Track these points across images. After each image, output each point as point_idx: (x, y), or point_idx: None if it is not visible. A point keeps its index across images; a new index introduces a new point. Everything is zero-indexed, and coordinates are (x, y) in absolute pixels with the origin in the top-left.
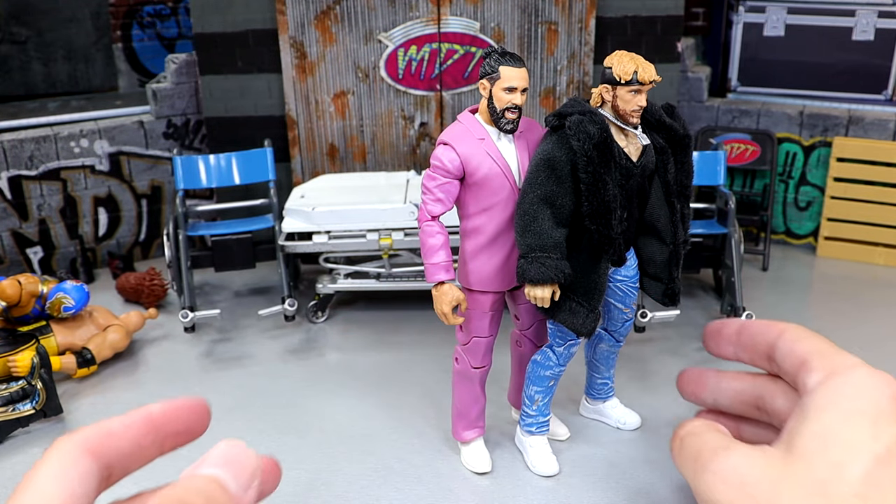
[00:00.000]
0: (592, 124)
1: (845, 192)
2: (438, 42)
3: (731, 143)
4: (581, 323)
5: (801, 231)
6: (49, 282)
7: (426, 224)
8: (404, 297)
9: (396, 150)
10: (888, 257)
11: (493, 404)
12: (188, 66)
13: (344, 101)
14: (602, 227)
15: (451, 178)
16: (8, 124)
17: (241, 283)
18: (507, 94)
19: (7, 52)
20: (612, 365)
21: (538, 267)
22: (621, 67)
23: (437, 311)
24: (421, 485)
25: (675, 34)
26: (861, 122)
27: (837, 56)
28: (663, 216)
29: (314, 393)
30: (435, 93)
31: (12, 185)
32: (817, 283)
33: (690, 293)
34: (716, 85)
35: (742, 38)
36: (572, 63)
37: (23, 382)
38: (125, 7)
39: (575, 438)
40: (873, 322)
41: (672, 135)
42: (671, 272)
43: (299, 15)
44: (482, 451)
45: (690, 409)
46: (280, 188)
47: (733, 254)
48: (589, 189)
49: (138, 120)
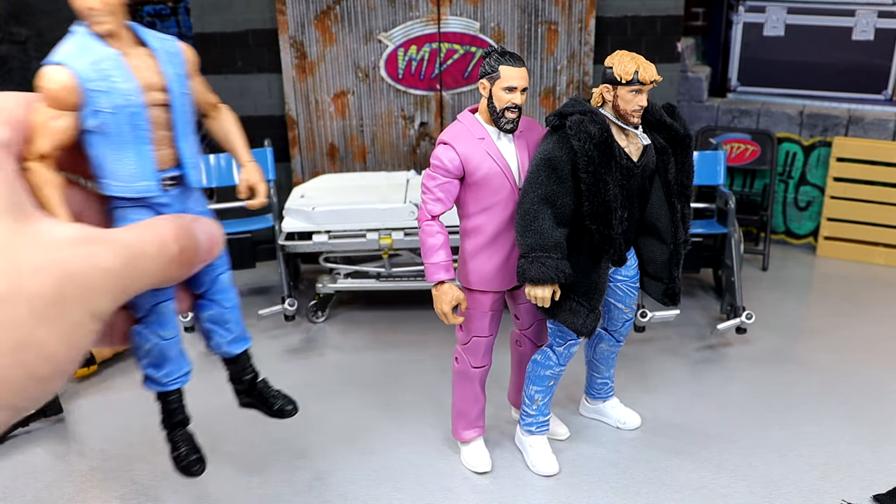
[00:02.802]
0: (593, 124)
1: (845, 191)
2: (438, 42)
3: (731, 142)
4: (581, 323)
5: (801, 231)
6: None
7: (426, 224)
8: (404, 297)
9: (396, 150)
10: (888, 257)
11: (493, 404)
12: None
13: (344, 100)
14: (602, 226)
15: (451, 178)
16: None
17: (241, 283)
18: (507, 94)
19: (7, 52)
20: (612, 365)
21: (538, 267)
22: (622, 67)
23: (437, 311)
24: (421, 485)
25: (675, 34)
26: (861, 122)
27: (837, 56)
28: (664, 216)
29: (314, 393)
30: (435, 93)
31: None
32: (817, 282)
33: (690, 293)
34: (716, 85)
35: (742, 38)
36: (572, 63)
37: None
38: None
39: (575, 438)
40: (873, 322)
41: (673, 135)
42: (671, 272)
43: (299, 15)
44: (482, 451)
45: (690, 409)
46: (280, 188)
47: (733, 254)
48: (589, 189)
49: None
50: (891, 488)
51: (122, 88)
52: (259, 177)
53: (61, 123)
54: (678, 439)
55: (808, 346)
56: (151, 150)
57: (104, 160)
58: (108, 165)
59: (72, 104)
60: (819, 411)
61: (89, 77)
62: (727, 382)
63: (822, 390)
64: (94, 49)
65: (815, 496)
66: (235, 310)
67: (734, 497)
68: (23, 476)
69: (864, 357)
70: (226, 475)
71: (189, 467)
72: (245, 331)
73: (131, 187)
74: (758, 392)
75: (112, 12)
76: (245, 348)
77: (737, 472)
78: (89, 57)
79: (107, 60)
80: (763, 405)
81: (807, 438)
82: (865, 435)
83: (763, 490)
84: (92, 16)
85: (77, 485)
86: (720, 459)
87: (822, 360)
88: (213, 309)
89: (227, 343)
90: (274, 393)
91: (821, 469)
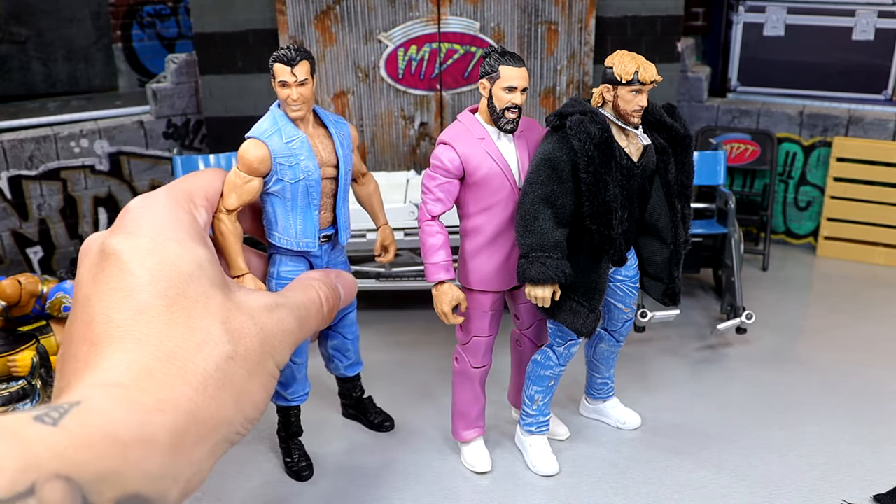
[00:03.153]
0: (593, 124)
1: (845, 191)
2: (438, 42)
3: (731, 142)
4: (581, 323)
5: (801, 231)
6: (49, 282)
7: (426, 224)
8: (404, 297)
9: (396, 150)
10: (888, 257)
11: (493, 404)
12: (188, 66)
13: (344, 100)
14: (603, 227)
15: (451, 178)
16: (8, 124)
17: None
18: (507, 94)
19: (7, 52)
20: (612, 365)
21: (539, 267)
22: (622, 67)
23: (437, 311)
24: (421, 485)
25: (675, 34)
26: (861, 122)
27: (837, 56)
28: (664, 216)
29: (313, 393)
30: (435, 93)
31: (12, 185)
32: (817, 282)
33: (690, 293)
34: (716, 85)
35: (742, 38)
36: (572, 63)
37: (23, 382)
38: (125, 7)
39: (575, 438)
40: (873, 322)
41: (673, 135)
42: (671, 272)
43: (299, 15)
44: (482, 451)
45: (690, 409)
46: None
47: (733, 254)
48: (590, 189)
49: (138, 120)
50: (891, 488)
51: (304, 165)
52: (391, 239)
53: (251, 186)
54: (678, 439)
55: (808, 346)
56: (317, 214)
57: (277, 217)
58: (280, 222)
59: (263, 172)
60: (819, 411)
61: (281, 153)
62: (727, 382)
63: (822, 390)
64: (287, 130)
65: (815, 496)
66: (356, 341)
67: (734, 497)
68: None
69: (864, 357)
70: (223, 470)
71: (300, 472)
72: (360, 357)
73: (296, 242)
74: (758, 392)
75: (305, 102)
76: (358, 371)
77: (737, 472)
78: (283, 137)
79: (296, 141)
80: (763, 405)
81: (807, 438)
82: (865, 435)
83: (763, 490)
84: (290, 104)
85: None
86: (720, 459)
87: (822, 360)
88: (338, 339)
89: (345, 367)
90: (376, 409)
91: (821, 469)
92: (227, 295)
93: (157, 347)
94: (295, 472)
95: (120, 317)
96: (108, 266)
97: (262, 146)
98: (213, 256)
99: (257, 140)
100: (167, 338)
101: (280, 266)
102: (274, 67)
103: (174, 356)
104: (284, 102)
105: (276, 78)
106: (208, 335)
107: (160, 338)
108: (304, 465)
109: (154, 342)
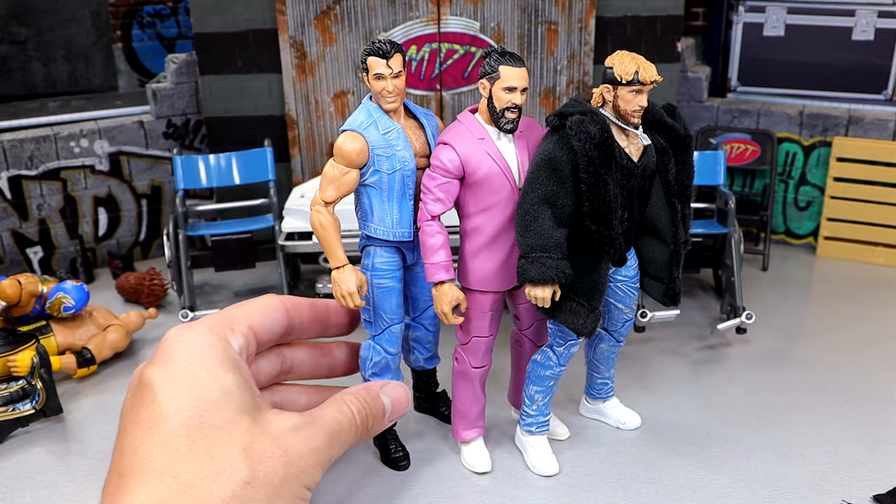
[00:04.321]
0: (593, 124)
1: (845, 191)
2: (438, 42)
3: (731, 142)
4: (581, 323)
5: (801, 231)
6: (49, 282)
7: (426, 224)
8: None
9: None
10: (888, 257)
11: (493, 404)
12: (188, 66)
13: (344, 100)
14: (603, 227)
15: (451, 178)
16: (8, 124)
17: (241, 283)
18: (507, 94)
19: (7, 52)
20: (612, 365)
21: (539, 267)
22: (622, 67)
23: (437, 311)
24: (421, 485)
25: (675, 34)
26: (861, 122)
27: (837, 56)
28: (664, 216)
29: None
30: (435, 93)
31: (12, 185)
32: (817, 282)
33: (690, 293)
34: (716, 85)
35: (742, 38)
36: (572, 63)
37: (23, 382)
38: (125, 7)
39: (575, 438)
40: (872, 322)
41: (673, 135)
42: (671, 272)
43: (299, 15)
44: (482, 451)
45: (690, 409)
46: (280, 188)
47: (733, 254)
48: (590, 189)
49: (138, 120)
50: (891, 488)
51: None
52: None
53: (349, 178)
54: (678, 439)
55: (808, 347)
56: (412, 205)
57: (373, 209)
58: (376, 213)
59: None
60: (819, 411)
61: (378, 144)
62: (727, 382)
63: (823, 390)
64: (383, 121)
65: (815, 496)
66: (436, 334)
67: (734, 497)
68: (23, 476)
69: (864, 357)
70: None
71: (398, 461)
72: (438, 352)
73: (392, 232)
74: (758, 392)
75: (400, 94)
76: (436, 365)
77: (737, 472)
78: (379, 128)
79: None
80: (763, 405)
81: (807, 438)
82: (865, 435)
83: (763, 490)
84: (385, 96)
85: (77, 485)
86: (720, 459)
87: (822, 360)
88: (420, 331)
89: (425, 359)
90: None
91: (821, 469)
92: (254, 419)
93: (174, 479)
94: (393, 460)
95: (145, 448)
96: (142, 395)
97: (360, 138)
98: (244, 381)
99: (354, 132)
100: (185, 469)
101: (375, 258)
102: (368, 61)
103: (191, 487)
104: (379, 94)
105: (371, 71)
106: (227, 462)
107: (178, 469)
108: (402, 455)
109: (172, 474)
